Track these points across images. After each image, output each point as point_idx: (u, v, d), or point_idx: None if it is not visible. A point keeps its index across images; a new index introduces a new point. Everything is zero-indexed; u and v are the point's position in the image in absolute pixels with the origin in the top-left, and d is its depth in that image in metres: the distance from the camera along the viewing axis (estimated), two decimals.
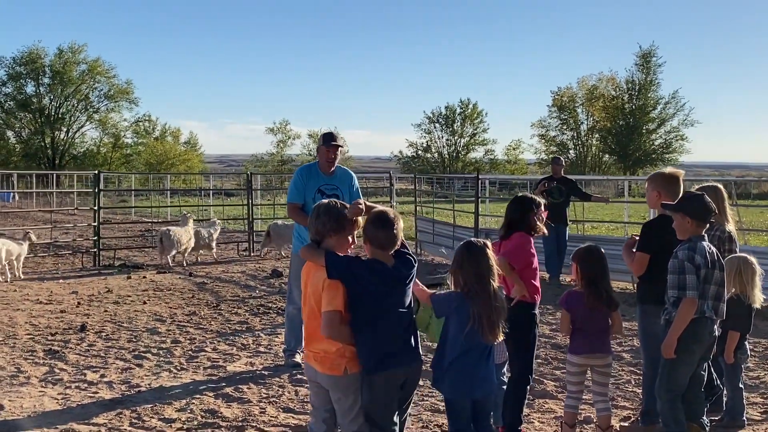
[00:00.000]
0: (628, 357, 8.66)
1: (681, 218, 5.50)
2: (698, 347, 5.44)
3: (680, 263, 5.34)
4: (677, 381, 5.47)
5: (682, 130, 73.86)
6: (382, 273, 4.49)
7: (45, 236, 20.32)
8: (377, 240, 4.57)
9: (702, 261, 5.33)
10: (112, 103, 73.08)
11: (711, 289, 5.40)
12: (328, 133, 8.40)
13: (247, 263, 17.60)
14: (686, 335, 5.34)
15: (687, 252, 5.35)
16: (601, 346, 5.83)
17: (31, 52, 69.93)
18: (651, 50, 73.11)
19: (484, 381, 4.88)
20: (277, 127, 78.67)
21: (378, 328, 4.47)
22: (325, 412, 4.73)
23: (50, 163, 69.02)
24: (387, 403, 4.54)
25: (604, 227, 24.26)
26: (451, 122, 79.40)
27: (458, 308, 4.80)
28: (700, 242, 5.41)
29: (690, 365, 5.48)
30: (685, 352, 5.39)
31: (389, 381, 4.50)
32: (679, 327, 5.32)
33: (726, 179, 25.14)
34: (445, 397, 4.97)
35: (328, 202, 4.77)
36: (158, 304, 12.07)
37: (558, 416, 6.65)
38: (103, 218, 20.15)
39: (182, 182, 55.30)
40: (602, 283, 5.74)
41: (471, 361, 4.81)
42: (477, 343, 4.78)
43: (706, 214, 5.47)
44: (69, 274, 15.61)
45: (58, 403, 7.03)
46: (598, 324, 5.79)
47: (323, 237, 4.64)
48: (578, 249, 5.91)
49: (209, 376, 7.99)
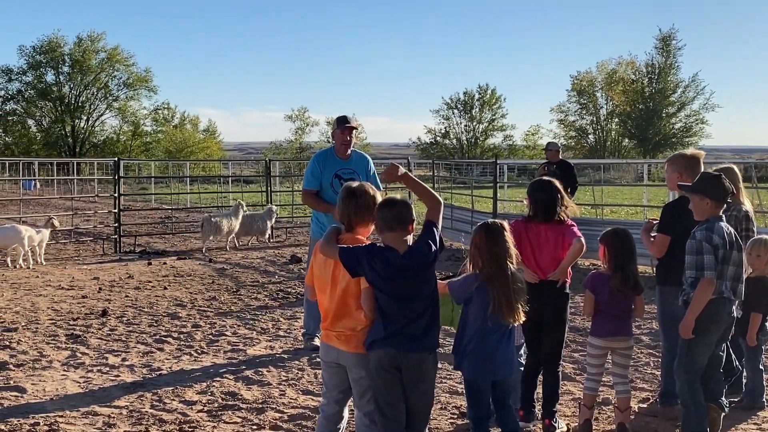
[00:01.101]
0: (647, 339, 8.65)
1: (699, 199, 5.47)
2: (716, 327, 5.42)
3: (698, 243, 5.31)
4: (696, 361, 5.46)
5: (702, 114, 73.40)
6: (387, 261, 4.42)
7: (66, 223, 20.48)
8: (385, 221, 4.48)
9: (720, 241, 5.31)
10: (131, 91, 73.35)
11: (729, 269, 5.38)
12: (341, 116, 8.37)
13: (266, 249, 17.67)
14: (704, 316, 5.32)
15: (705, 233, 5.33)
16: (623, 329, 5.81)
17: (51, 41, 70.32)
18: (671, 33, 72.62)
19: (505, 362, 4.91)
20: (296, 114, 78.66)
21: (383, 312, 4.45)
22: (339, 393, 4.76)
23: (71, 151, 69.44)
24: (382, 385, 4.47)
25: (623, 211, 24.15)
26: (469, 108, 79.06)
27: (477, 290, 4.82)
28: (718, 223, 5.38)
29: (708, 346, 5.46)
30: (703, 332, 5.38)
31: (379, 362, 4.44)
32: (697, 307, 5.30)
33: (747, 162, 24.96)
34: (466, 378, 4.98)
35: (359, 187, 4.70)
36: (179, 290, 12.16)
37: (576, 398, 6.66)
38: (124, 205, 20.29)
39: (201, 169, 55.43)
40: (629, 266, 5.70)
41: (492, 343, 4.83)
42: (497, 325, 4.80)
43: (725, 195, 5.43)
44: (90, 260, 15.74)
45: (80, 386, 7.12)
46: (621, 307, 5.76)
47: (353, 224, 4.64)
48: (606, 231, 5.86)
49: (229, 360, 8.06)
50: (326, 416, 4.80)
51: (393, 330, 4.42)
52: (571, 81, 76.79)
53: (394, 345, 4.43)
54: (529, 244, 5.75)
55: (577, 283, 12.40)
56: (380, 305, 4.45)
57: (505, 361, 4.91)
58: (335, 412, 4.80)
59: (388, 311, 4.44)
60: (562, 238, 5.76)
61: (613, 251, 5.72)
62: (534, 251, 5.78)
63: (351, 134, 8.29)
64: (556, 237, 5.77)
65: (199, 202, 31.14)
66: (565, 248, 5.76)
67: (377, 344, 4.45)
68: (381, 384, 4.48)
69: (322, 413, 4.84)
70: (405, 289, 4.46)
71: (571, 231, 5.79)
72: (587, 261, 14.64)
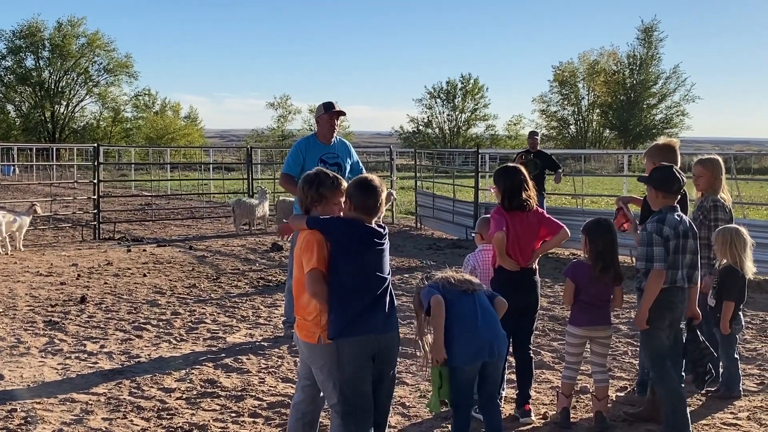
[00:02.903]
0: (625, 329, 8.70)
1: (649, 190, 5.62)
2: (670, 314, 5.54)
3: (648, 235, 5.41)
4: (657, 347, 5.57)
5: (682, 106, 73.73)
6: (358, 227, 4.49)
7: (45, 209, 20.31)
8: (363, 205, 4.54)
9: (671, 232, 5.38)
10: (111, 76, 72.71)
11: (686, 258, 5.48)
12: (328, 101, 8.34)
13: (248, 237, 17.62)
14: (659, 304, 5.44)
15: (656, 224, 5.42)
16: (602, 318, 5.85)
17: (31, 25, 69.52)
18: (653, 24, 72.75)
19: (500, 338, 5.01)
20: (278, 102, 78.24)
21: (351, 290, 4.42)
22: (306, 380, 4.78)
23: (50, 136, 68.80)
24: (354, 374, 4.44)
25: (603, 201, 24.25)
26: (452, 97, 78.98)
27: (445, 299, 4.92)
28: (670, 214, 5.46)
29: (665, 330, 5.58)
30: (658, 319, 5.50)
31: (356, 349, 4.42)
32: (649, 298, 5.41)
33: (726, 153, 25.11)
34: (455, 365, 4.93)
35: (312, 173, 4.74)
36: (158, 277, 12.11)
37: (554, 386, 6.70)
38: (103, 191, 20.15)
39: (182, 156, 55.11)
40: (610, 256, 5.74)
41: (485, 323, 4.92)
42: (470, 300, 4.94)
43: (672, 186, 5.51)
44: (69, 246, 15.65)
45: (57, 373, 7.08)
46: (600, 296, 5.80)
47: (308, 208, 4.66)
48: (588, 221, 5.90)
49: (209, 347, 8.04)
50: (294, 404, 4.86)
51: (362, 313, 4.41)
52: (553, 71, 76.94)
53: (372, 330, 4.44)
54: (514, 232, 5.79)
55: (554, 271, 12.51)
56: (346, 287, 4.42)
57: (492, 340, 4.94)
58: (302, 400, 4.82)
59: (358, 288, 4.42)
60: (538, 227, 5.83)
61: (595, 241, 5.75)
62: (519, 239, 5.81)
63: (338, 119, 8.29)
64: (533, 226, 5.84)
65: (180, 189, 31.04)
66: (540, 237, 5.84)
67: (348, 331, 4.41)
68: (351, 372, 4.44)
69: (295, 405, 4.86)
70: (374, 259, 4.50)
71: (548, 220, 5.93)
72: (567, 250, 14.73)
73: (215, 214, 22.79)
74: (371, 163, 31.57)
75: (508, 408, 6.04)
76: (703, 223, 6.68)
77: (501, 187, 5.90)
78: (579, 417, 5.99)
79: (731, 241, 6.35)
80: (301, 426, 4.83)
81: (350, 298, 4.42)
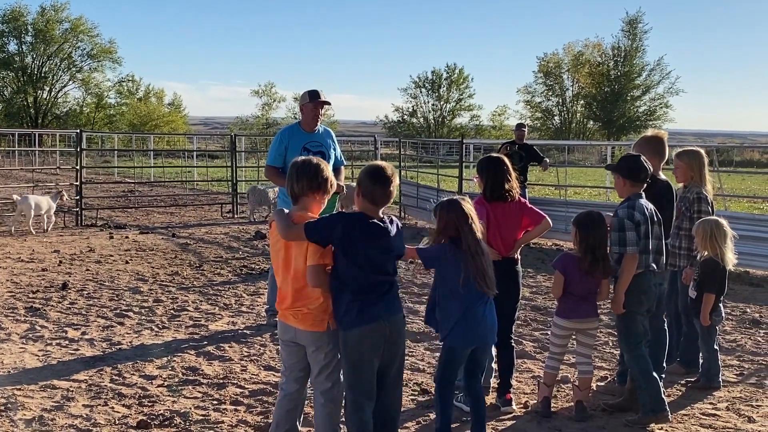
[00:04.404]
0: (606, 319, 8.74)
1: (617, 178, 5.77)
2: (646, 298, 5.68)
3: (620, 221, 5.56)
4: (633, 333, 5.70)
5: (666, 98, 73.94)
6: (358, 225, 4.46)
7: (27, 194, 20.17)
8: (371, 195, 4.53)
9: (641, 218, 5.57)
10: (95, 62, 72.10)
11: (652, 243, 5.63)
12: (313, 90, 8.33)
13: (231, 225, 17.57)
14: (633, 289, 5.58)
15: (626, 210, 5.58)
16: (590, 311, 5.88)
17: (14, 10, 68.81)
18: (637, 16, 72.79)
19: (493, 328, 5.06)
20: (262, 90, 77.81)
21: (357, 282, 4.44)
22: (299, 371, 4.77)
23: (33, 122, 68.23)
24: (359, 362, 4.49)
25: (586, 192, 24.34)
26: (437, 87, 78.84)
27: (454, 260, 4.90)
28: (638, 200, 5.65)
29: (642, 315, 5.72)
30: (634, 304, 5.64)
31: (367, 337, 4.46)
32: (624, 282, 5.56)
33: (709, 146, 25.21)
34: (449, 345, 4.99)
35: (303, 160, 4.70)
36: (140, 264, 12.06)
37: (536, 376, 6.74)
38: (86, 178, 20.06)
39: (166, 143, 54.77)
40: (600, 249, 5.74)
41: (479, 309, 4.95)
42: (481, 292, 4.91)
43: (638, 174, 5.68)
44: (51, 233, 15.55)
45: (38, 359, 7.05)
46: (589, 289, 5.82)
47: (299, 196, 4.63)
48: (580, 214, 5.90)
49: (191, 335, 8.03)
50: (287, 395, 4.81)
51: (369, 301, 4.45)
52: (537, 62, 76.96)
53: (380, 317, 4.47)
54: (495, 222, 5.80)
55: (537, 261, 12.55)
56: (351, 279, 4.43)
57: (491, 323, 5.03)
58: (295, 391, 4.81)
59: (363, 280, 4.44)
60: (520, 217, 5.85)
61: (585, 234, 5.76)
62: (500, 229, 5.82)
63: (322, 109, 8.28)
64: (515, 216, 5.85)
65: (163, 176, 30.85)
66: (522, 227, 5.86)
67: (359, 322, 4.44)
68: (359, 359, 4.49)
69: (283, 392, 4.84)
70: (380, 255, 4.49)
71: (530, 210, 5.96)
72: (550, 241, 14.79)
73: (198, 201, 22.70)
74: (356, 152, 31.59)
75: (490, 397, 6.06)
76: (685, 214, 6.75)
77: (484, 177, 5.91)
78: (560, 406, 6.03)
79: (712, 233, 6.40)
80: (291, 417, 4.84)
81: (356, 290, 4.44)
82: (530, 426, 5.67)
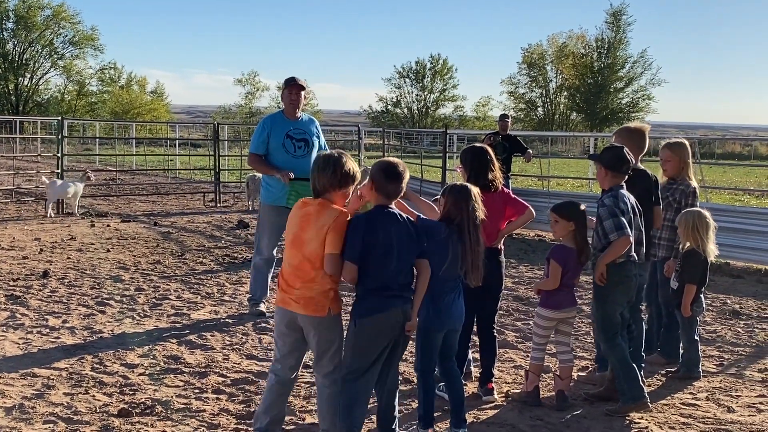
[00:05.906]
0: (587, 309, 8.77)
1: (599, 169, 5.81)
2: (624, 288, 5.72)
3: (610, 208, 5.60)
4: (609, 321, 5.75)
5: (648, 90, 74.20)
6: (377, 218, 4.60)
7: (8, 183, 20.06)
8: (384, 190, 4.68)
9: (625, 207, 5.64)
10: (76, 49, 71.49)
11: (633, 234, 5.66)
12: (290, 77, 8.38)
13: (213, 214, 17.51)
14: (614, 277, 5.64)
15: (612, 199, 5.65)
16: (572, 300, 5.96)
17: None
18: (621, 8, 72.99)
19: (461, 313, 5.13)
20: (246, 79, 77.41)
21: (378, 274, 4.55)
22: (295, 359, 4.83)
23: (14, 109, 67.60)
24: (371, 347, 4.61)
25: (569, 183, 24.42)
26: (421, 77, 78.76)
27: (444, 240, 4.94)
28: (621, 191, 5.71)
29: (619, 305, 5.76)
30: (613, 293, 5.69)
31: (377, 326, 4.58)
32: (610, 256, 5.60)
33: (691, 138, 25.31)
34: (423, 328, 5.00)
35: (325, 155, 4.76)
36: (122, 253, 12.00)
37: (518, 365, 6.77)
38: (67, 166, 19.91)
39: (148, 131, 54.45)
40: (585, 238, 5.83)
41: (450, 294, 5.03)
42: (453, 276, 5.00)
43: (621, 166, 5.72)
44: (32, 220, 15.45)
45: (19, 347, 7.01)
46: (575, 279, 5.93)
47: (321, 192, 4.69)
48: (574, 206, 5.90)
49: (173, 324, 8.00)
50: (280, 380, 4.85)
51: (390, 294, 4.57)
52: (521, 54, 76.98)
53: (394, 305, 4.60)
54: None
55: (519, 252, 12.59)
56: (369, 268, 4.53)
57: (461, 311, 5.11)
58: (289, 377, 4.87)
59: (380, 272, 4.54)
60: (503, 208, 5.87)
61: (581, 226, 5.79)
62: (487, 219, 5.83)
63: (299, 93, 8.27)
64: (499, 206, 5.85)
65: (145, 164, 30.71)
66: (506, 217, 5.88)
67: (374, 310, 4.56)
68: (369, 345, 4.61)
69: (277, 377, 4.86)
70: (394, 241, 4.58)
71: (514, 200, 6.00)
72: (533, 231, 14.84)
73: (181, 190, 22.59)
74: (339, 141, 31.46)
75: (471, 386, 6.08)
76: (671, 205, 6.77)
77: (467, 167, 5.92)
78: (541, 396, 6.04)
79: (695, 224, 6.44)
80: (282, 401, 4.93)
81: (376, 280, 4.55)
82: (511, 415, 5.68)
